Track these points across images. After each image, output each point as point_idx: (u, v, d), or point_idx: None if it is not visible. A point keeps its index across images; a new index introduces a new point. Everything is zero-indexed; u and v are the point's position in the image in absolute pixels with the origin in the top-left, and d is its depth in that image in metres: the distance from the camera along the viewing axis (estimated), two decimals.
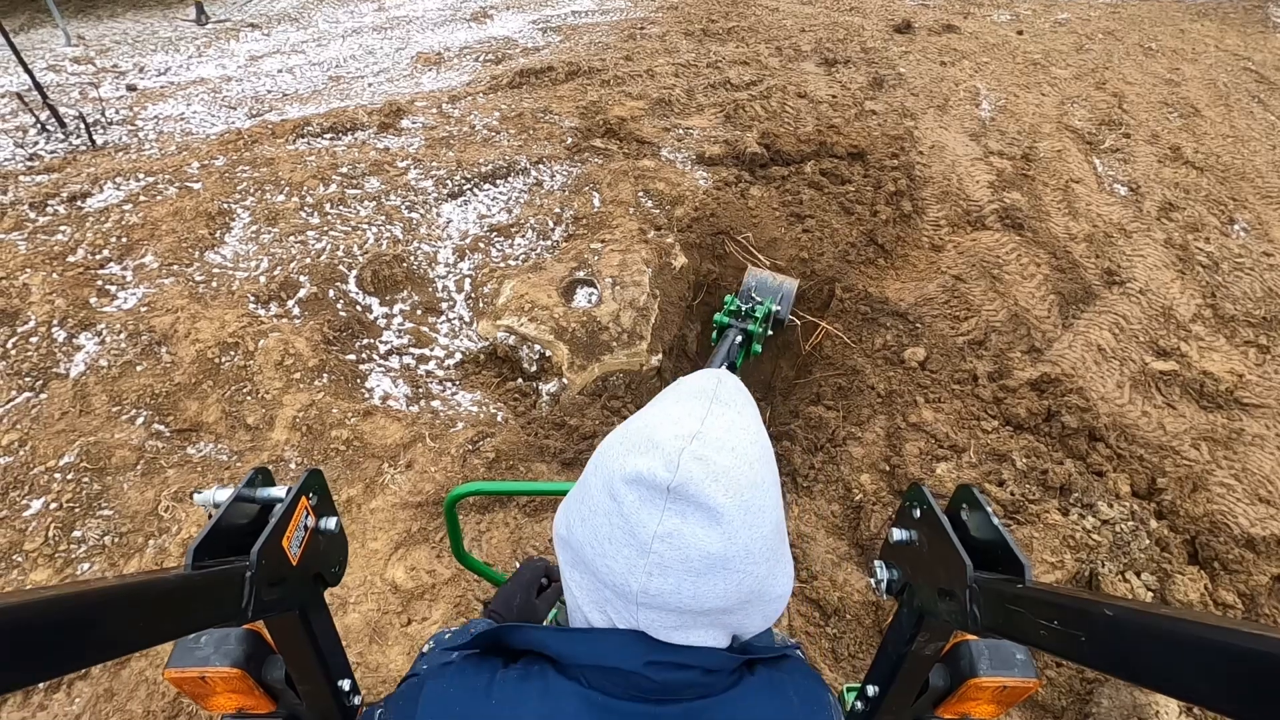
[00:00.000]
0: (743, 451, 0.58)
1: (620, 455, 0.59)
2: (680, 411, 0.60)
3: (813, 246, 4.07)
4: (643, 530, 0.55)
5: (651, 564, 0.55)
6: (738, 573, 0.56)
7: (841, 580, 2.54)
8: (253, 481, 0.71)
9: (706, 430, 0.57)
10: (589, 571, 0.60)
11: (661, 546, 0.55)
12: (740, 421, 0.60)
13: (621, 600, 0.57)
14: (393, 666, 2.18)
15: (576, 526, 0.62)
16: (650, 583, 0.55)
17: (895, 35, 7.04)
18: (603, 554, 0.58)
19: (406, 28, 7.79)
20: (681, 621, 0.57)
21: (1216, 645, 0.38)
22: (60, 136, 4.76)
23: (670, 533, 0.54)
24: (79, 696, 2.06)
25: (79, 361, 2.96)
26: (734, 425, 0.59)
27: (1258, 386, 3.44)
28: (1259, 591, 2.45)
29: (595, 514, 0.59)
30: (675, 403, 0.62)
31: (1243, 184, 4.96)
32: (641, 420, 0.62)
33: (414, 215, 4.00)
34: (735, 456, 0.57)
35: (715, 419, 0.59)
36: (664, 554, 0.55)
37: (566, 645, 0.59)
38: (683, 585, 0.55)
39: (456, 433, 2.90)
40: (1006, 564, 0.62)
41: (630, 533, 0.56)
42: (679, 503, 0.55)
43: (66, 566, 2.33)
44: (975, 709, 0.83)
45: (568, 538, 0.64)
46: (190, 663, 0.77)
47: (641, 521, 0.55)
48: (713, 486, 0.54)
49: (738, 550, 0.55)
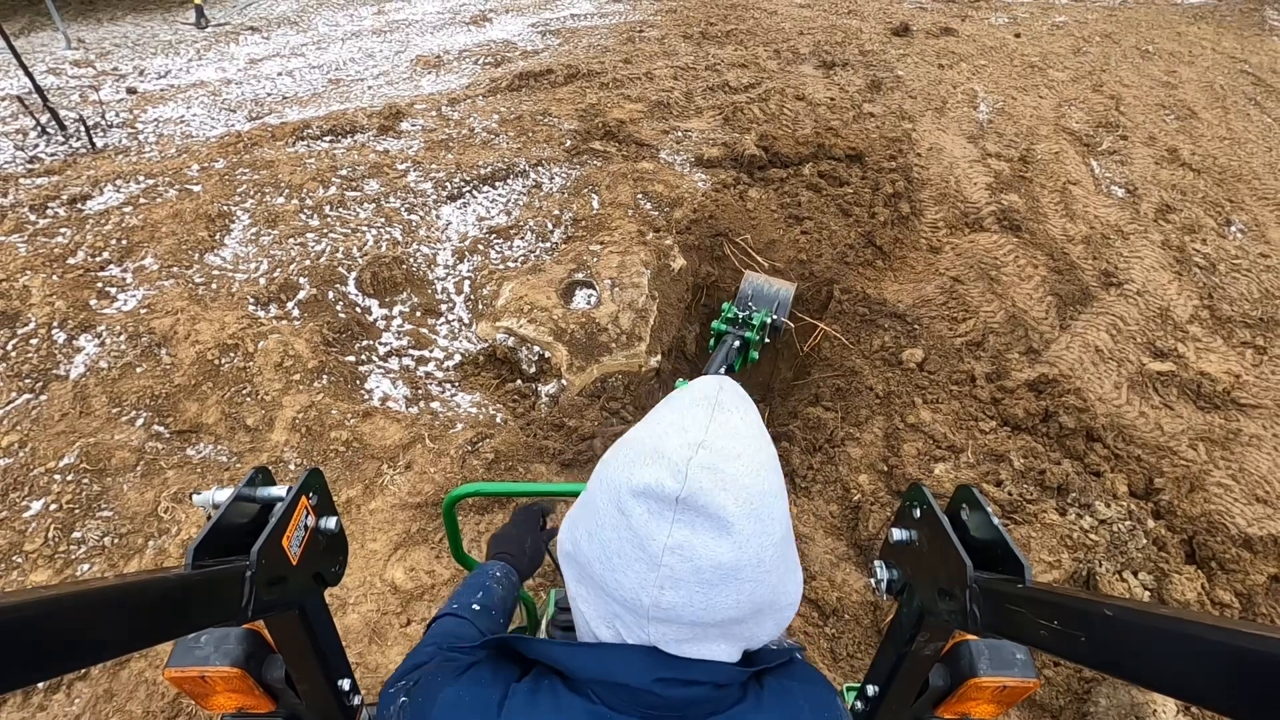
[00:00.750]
0: (749, 458, 0.57)
1: (626, 467, 0.58)
2: (684, 420, 0.59)
3: (811, 248, 4.08)
4: (653, 543, 0.54)
5: (663, 577, 0.54)
6: (750, 582, 0.55)
7: (840, 580, 2.54)
8: (253, 481, 0.71)
9: (712, 438, 0.56)
10: (597, 587, 0.59)
11: (672, 559, 0.54)
12: (745, 427, 0.59)
13: (632, 615, 0.57)
14: (392, 666, 2.18)
15: (583, 542, 0.61)
16: (662, 596, 0.54)
17: (893, 38, 7.06)
18: (612, 569, 0.57)
19: (406, 31, 7.81)
20: (693, 634, 0.56)
21: (1216, 645, 0.38)
22: (60, 139, 4.78)
23: (681, 544, 0.54)
24: (78, 697, 2.06)
25: (79, 363, 2.96)
26: (739, 431, 0.59)
27: (1254, 387, 3.45)
28: (1256, 591, 2.46)
29: (602, 528, 0.58)
30: (677, 411, 0.61)
31: (1239, 186, 4.98)
32: (645, 430, 0.61)
33: (413, 217, 4.01)
34: (742, 463, 0.56)
35: (719, 425, 0.58)
36: (675, 566, 0.54)
37: (575, 660, 0.59)
38: (694, 597, 0.54)
39: (455, 434, 2.90)
40: (1006, 564, 0.63)
41: (640, 546, 0.55)
42: (688, 513, 0.54)
43: (66, 568, 2.34)
44: (975, 709, 0.83)
45: (574, 553, 0.62)
46: (190, 662, 0.77)
47: (651, 534, 0.54)
48: (722, 495, 0.54)
49: (749, 559, 0.55)
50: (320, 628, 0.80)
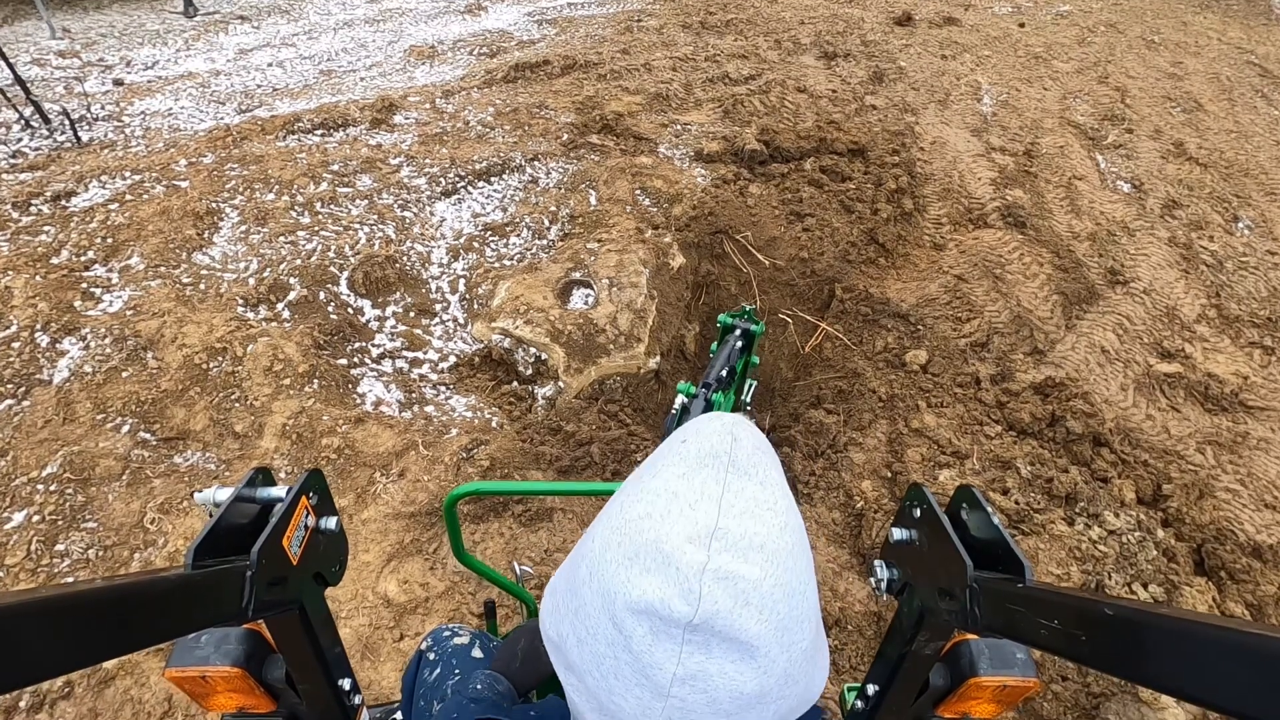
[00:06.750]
0: (774, 547, 0.47)
1: (621, 569, 0.48)
2: (691, 492, 0.49)
3: (812, 246, 4.01)
4: (658, 673, 0.45)
5: (671, 708, 0.46)
6: (776, 701, 0.48)
7: (843, 590, 2.49)
8: (253, 481, 0.71)
9: (727, 522, 0.47)
10: (591, 695, 0.50)
11: (683, 690, 0.45)
12: (765, 497, 0.50)
13: None
14: (385, 683, 2.13)
15: (571, 643, 0.51)
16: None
17: (895, 28, 6.94)
18: (608, 690, 0.48)
19: (399, 20, 7.67)
20: None
21: (1217, 644, 0.38)
22: (44, 133, 4.66)
23: (693, 675, 0.45)
24: (62, 716, 2.01)
25: (62, 368, 2.89)
26: (759, 505, 0.49)
27: (1262, 389, 3.40)
28: (1267, 601, 2.41)
29: (594, 638, 0.48)
30: (682, 474, 0.51)
31: (1246, 180, 4.91)
32: (643, 506, 0.50)
33: (407, 214, 3.92)
34: (766, 559, 0.46)
35: (735, 499, 0.48)
36: (686, 698, 0.45)
37: None
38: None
39: (450, 440, 2.84)
40: (1007, 563, 0.62)
41: (642, 673, 0.46)
42: (702, 635, 0.45)
43: (50, 582, 2.27)
44: (976, 708, 0.82)
45: (560, 646, 0.53)
46: (190, 662, 0.77)
47: (656, 662, 0.45)
48: (743, 614, 0.44)
49: (775, 681, 0.47)
50: (321, 628, 0.79)
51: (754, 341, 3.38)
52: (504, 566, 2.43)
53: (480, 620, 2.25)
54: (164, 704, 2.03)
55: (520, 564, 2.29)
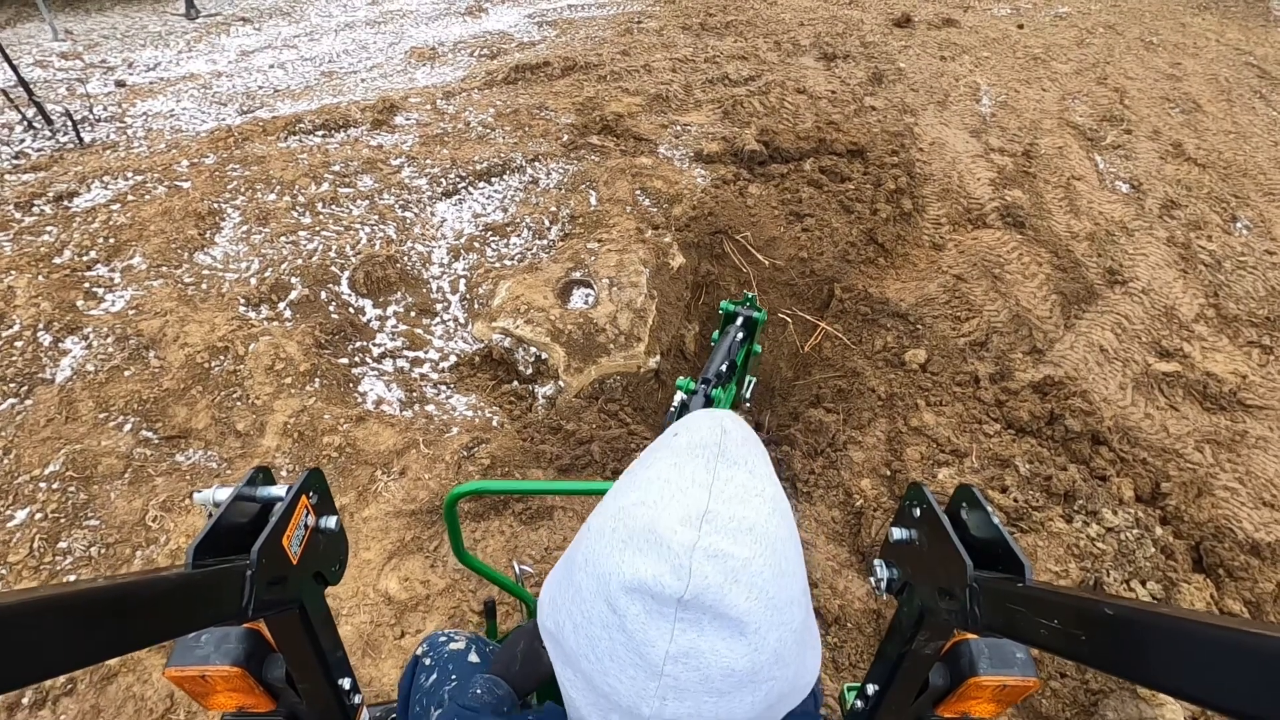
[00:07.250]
0: (762, 530, 0.49)
1: (615, 551, 0.49)
2: (681, 479, 0.51)
3: (812, 246, 4.02)
4: (651, 650, 0.46)
5: (665, 687, 0.47)
6: (767, 681, 0.49)
7: (842, 588, 2.50)
8: (253, 480, 0.71)
9: (717, 506, 0.49)
10: (587, 682, 0.52)
11: (676, 668, 0.46)
12: (754, 484, 0.51)
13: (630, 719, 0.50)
14: (386, 680, 2.14)
15: (568, 630, 0.52)
16: (665, 708, 0.47)
17: (894, 29, 6.96)
18: (604, 671, 0.49)
19: (400, 22, 7.69)
20: None
21: (1218, 643, 0.38)
22: (47, 134, 4.68)
23: (686, 652, 0.46)
24: (64, 713, 2.02)
25: (65, 366, 2.90)
26: (748, 492, 0.51)
27: (1261, 388, 3.40)
28: (1265, 599, 2.42)
29: (590, 621, 0.50)
30: (673, 464, 0.53)
31: (1245, 181, 4.92)
32: (637, 494, 0.52)
33: (408, 214, 3.94)
34: (754, 540, 0.48)
35: (724, 485, 0.50)
36: (679, 676, 0.46)
37: None
38: (703, 707, 0.48)
39: (451, 438, 2.85)
40: (1006, 563, 0.62)
41: (636, 652, 0.47)
42: (693, 612, 0.46)
43: (52, 579, 2.28)
44: (975, 708, 0.83)
45: (557, 636, 0.54)
46: (190, 661, 0.77)
47: (649, 640, 0.46)
48: (733, 591, 0.46)
49: (767, 659, 0.48)
50: (321, 627, 0.80)
51: (756, 330, 3.38)
52: (504, 565, 2.43)
53: (480, 619, 2.25)
54: (166, 700, 2.04)
55: (520, 563, 2.29)
